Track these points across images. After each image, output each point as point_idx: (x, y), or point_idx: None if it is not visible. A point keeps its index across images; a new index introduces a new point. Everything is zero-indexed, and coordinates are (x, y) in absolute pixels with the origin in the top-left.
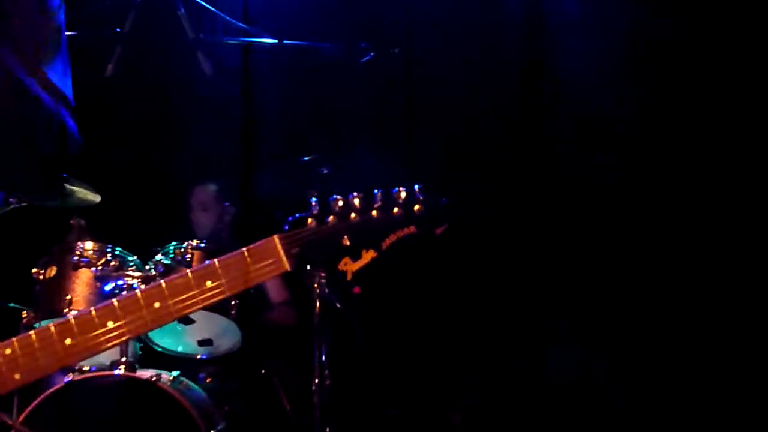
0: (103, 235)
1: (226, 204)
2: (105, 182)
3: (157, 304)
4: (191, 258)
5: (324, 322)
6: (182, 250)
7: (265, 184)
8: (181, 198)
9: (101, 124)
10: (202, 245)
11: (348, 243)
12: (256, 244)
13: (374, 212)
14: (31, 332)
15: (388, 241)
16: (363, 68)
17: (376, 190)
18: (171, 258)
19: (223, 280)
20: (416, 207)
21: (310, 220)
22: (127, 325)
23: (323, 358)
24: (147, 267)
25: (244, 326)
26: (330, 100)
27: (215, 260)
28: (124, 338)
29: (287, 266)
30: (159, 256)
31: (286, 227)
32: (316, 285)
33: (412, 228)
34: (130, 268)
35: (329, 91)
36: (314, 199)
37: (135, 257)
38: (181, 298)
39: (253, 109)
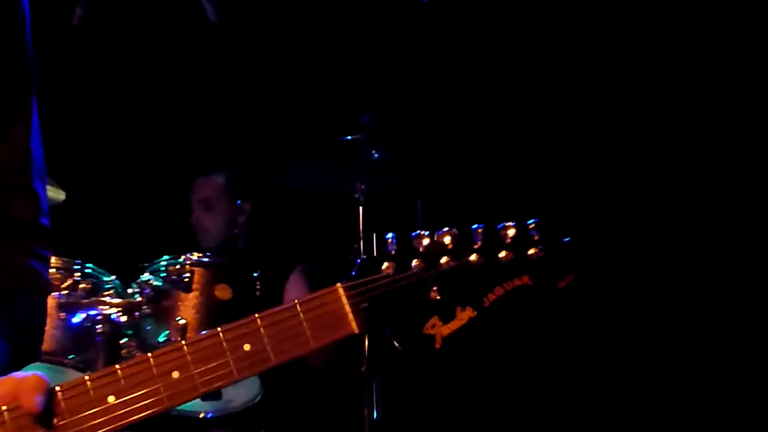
0: (69, 248)
1: (239, 202)
2: (73, 175)
3: (176, 374)
4: (191, 277)
5: (376, 355)
6: (178, 266)
7: (296, 173)
8: (176, 195)
9: (64, 92)
10: (206, 259)
11: (437, 297)
12: (313, 295)
13: (473, 256)
14: (2, 407)
15: (492, 297)
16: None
17: (475, 225)
18: (163, 278)
19: (268, 347)
20: (531, 250)
21: (386, 264)
22: (135, 403)
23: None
24: (130, 291)
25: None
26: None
27: (257, 316)
28: (129, 421)
29: (354, 328)
30: (146, 276)
31: (354, 272)
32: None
33: (526, 279)
34: (106, 293)
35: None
36: (391, 234)
37: (113, 277)
38: (210, 366)
39: (278, 70)
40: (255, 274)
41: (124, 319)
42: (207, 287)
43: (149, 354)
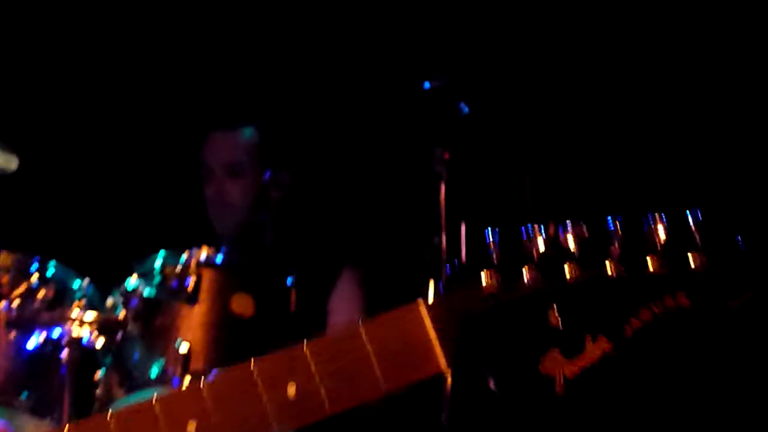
0: (23, 238)
1: (269, 172)
2: (31, 134)
3: (191, 428)
4: (197, 284)
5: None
6: (180, 267)
7: (351, 135)
8: (180, 160)
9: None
10: (220, 257)
11: (559, 322)
12: (383, 316)
13: (610, 265)
14: None
15: (636, 323)
16: None
17: (610, 218)
18: (158, 284)
19: (321, 389)
20: (692, 258)
21: (485, 274)
22: None
23: None
24: (110, 301)
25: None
26: None
27: (305, 345)
28: None
29: (442, 363)
30: (134, 280)
31: (441, 286)
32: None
33: (682, 298)
34: (74, 304)
35: None
36: (492, 231)
37: (85, 281)
38: (238, 417)
39: None
40: (288, 280)
41: (99, 342)
42: (220, 298)
43: (154, 396)
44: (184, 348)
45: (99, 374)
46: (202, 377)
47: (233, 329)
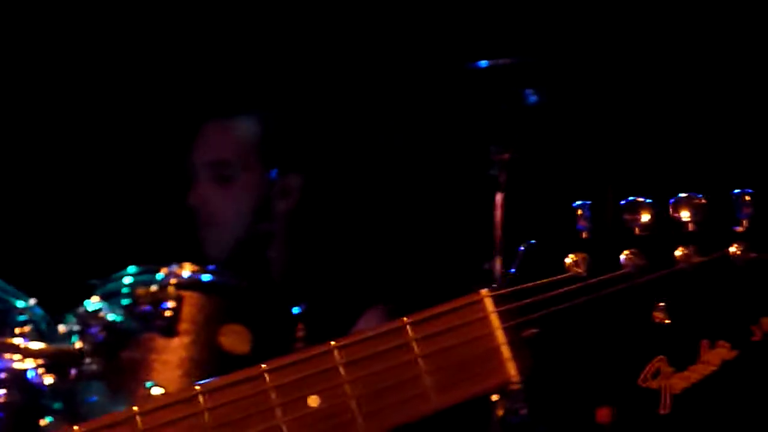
0: None
1: (274, 173)
2: None
3: None
4: (176, 309)
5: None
6: (154, 287)
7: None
8: (161, 155)
9: None
10: (207, 277)
11: (667, 321)
12: (436, 309)
13: (735, 246)
14: None
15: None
16: None
17: (738, 191)
18: (125, 307)
19: (353, 403)
20: None
21: (572, 257)
22: None
23: None
24: (64, 328)
25: None
26: None
27: (333, 345)
28: None
29: (511, 373)
30: (95, 302)
31: (514, 272)
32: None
33: None
34: (17, 330)
35: None
36: (582, 203)
37: (32, 302)
38: None
39: None
40: (295, 310)
41: (48, 380)
42: (206, 329)
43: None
44: (156, 393)
45: (45, 422)
46: (197, 384)
47: (221, 370)
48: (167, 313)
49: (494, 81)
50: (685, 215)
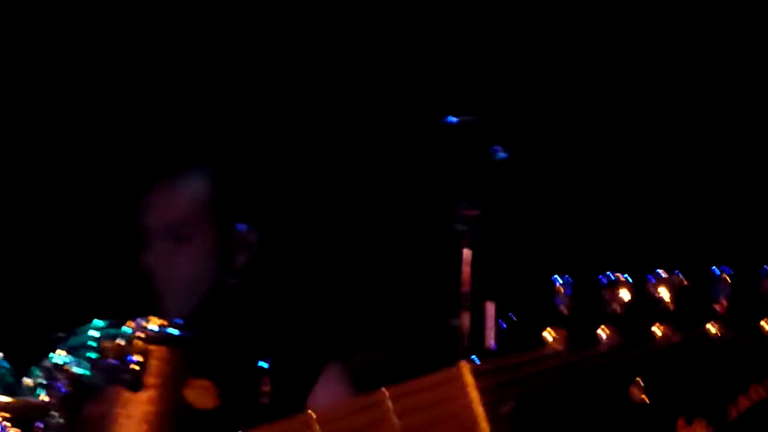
0: None
1: (236, 227)
2: None
3: None
4: (143, 364)
5: None
6: (122, 341)
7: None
8: (119, 210)
9: None
10: (173, 331)
11: (644, 398)
12: (414, 383)
13: (713, 326)
14: None
15: (745, 402)
16: None
17: (717, 270)
18: (92, 361)
19: None
20: None
21: (550, 333)
22: None
23: None
24: (28, 382)
25: None
26: None
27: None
28: None
29: None
30: (60, 355)
31: (493, 346)
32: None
33: None
34: None
35: None
36: (562, 279)
37: None
38: None
39: None
40: (261, 364)
41: None
42: (173, 384)
43: None
44: None
45: None
46: None
47: (188, 424)
48: (134, 367)
49: (462, 137)
50: (663, 293)
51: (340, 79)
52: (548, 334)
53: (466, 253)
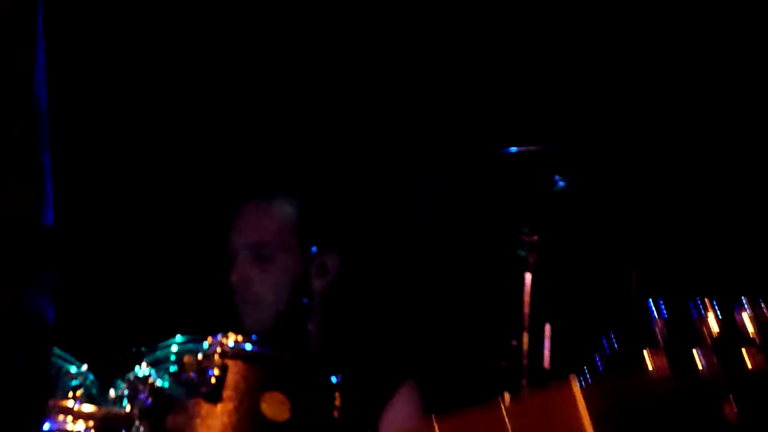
0: None
1: (315, 250)
2: None
3: None
4: (220, 377)
5: None
6: (200, 356)
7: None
8: (204, 233)
9: None
10: (250, 347)
11: (735, 417)
12: (531, 396)
13: None
14: None
15: None
16: None
17: None
18: (172, 374)
19: None
20: None
21: (651, 355)
22: None
23: None
24: (113, 393)
25: None
26: None
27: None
28: None
29: None
30: (143, 369)
31: (600, 364)
32: None
33: None
34: (69, 394)
35: None
36: (656, 307)
37: (83, 367)
38: None
39: None
40: (333, 380)
41: None
42: (249, 396)
43: None
44: None
45: None
46: None
47: None
48: (212, 381)
49: (524, 166)
50: (749, 321)
51: (410, 111)
52: (647, 355)
53: (527, 276)
